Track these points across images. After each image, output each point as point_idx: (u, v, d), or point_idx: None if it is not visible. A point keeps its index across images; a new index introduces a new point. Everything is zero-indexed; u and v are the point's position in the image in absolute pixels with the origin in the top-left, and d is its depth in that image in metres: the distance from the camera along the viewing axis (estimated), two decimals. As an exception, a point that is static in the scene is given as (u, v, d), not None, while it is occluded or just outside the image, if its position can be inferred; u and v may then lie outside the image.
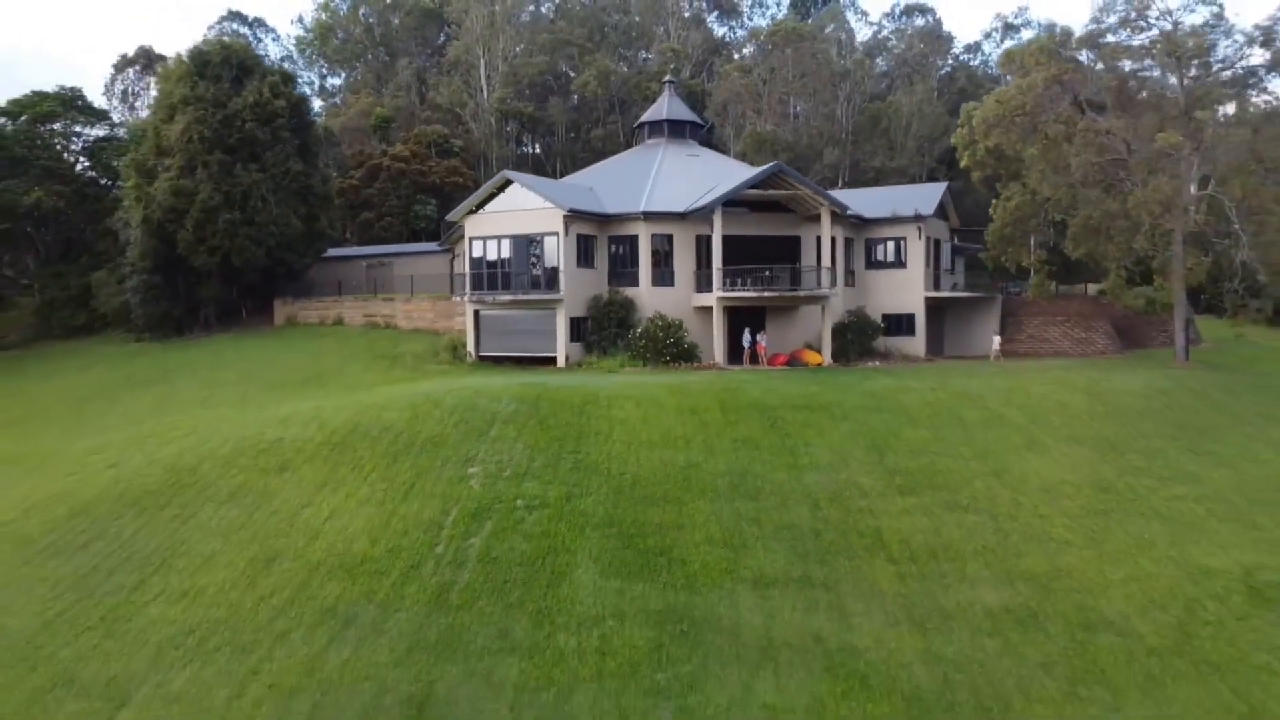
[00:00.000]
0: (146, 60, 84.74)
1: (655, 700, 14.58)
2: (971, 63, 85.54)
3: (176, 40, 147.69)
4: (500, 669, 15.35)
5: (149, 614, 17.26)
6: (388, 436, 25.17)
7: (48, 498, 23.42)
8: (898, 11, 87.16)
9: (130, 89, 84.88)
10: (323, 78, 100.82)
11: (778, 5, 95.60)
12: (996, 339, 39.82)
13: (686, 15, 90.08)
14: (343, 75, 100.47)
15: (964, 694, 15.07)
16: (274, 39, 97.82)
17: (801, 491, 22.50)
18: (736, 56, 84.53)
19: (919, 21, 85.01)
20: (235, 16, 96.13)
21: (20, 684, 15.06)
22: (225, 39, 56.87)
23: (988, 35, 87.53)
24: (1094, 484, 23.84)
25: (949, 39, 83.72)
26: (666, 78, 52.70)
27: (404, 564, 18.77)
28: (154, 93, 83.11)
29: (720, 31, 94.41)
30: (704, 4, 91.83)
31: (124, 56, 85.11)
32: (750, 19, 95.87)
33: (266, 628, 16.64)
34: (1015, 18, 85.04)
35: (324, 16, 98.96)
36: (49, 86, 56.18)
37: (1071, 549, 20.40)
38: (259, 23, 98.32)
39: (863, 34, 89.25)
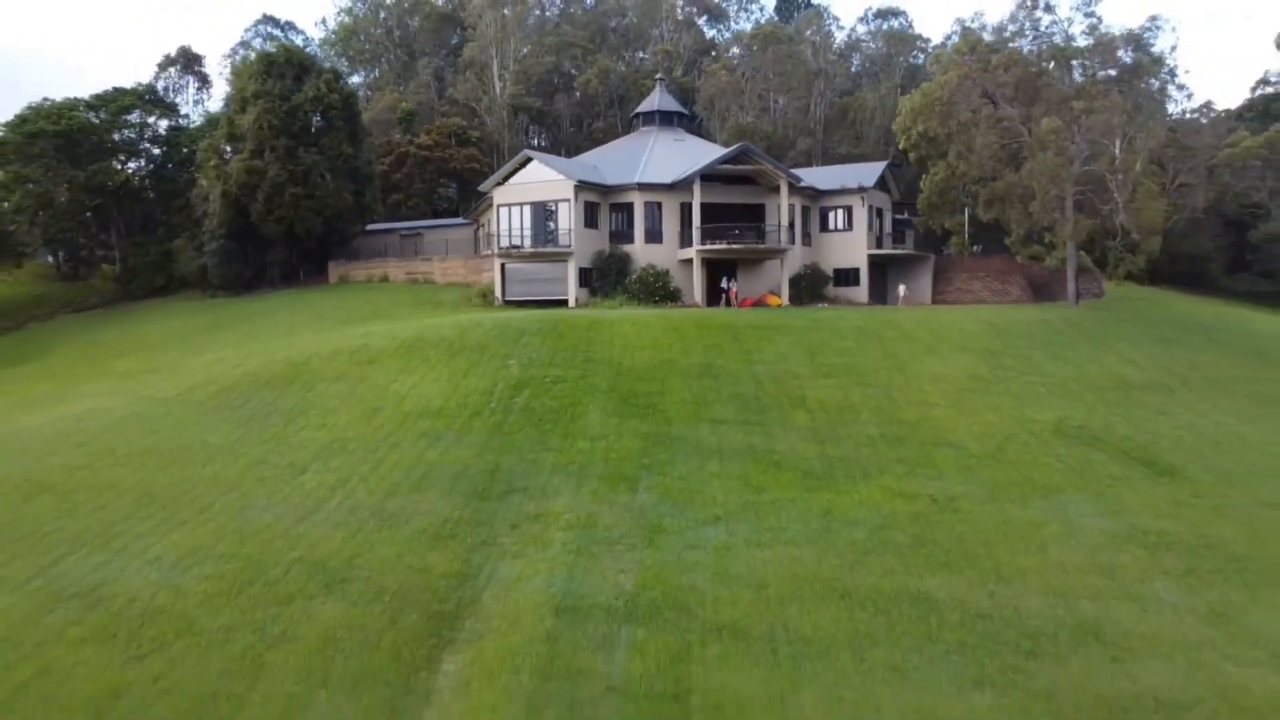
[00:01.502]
0: (185, 60, 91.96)
1: (642, 469, 22.24)
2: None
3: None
4: (541, 458, 22.99)
5: (302, 436, 24.89)
6: (445, 343, 32.82)
7: (199, 383, 31.02)
8: (870, 15, 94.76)
9: (172, 85, 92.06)
10: (346, 76, 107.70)
11: (761, 11, 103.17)
12: (902, 288, 47.46)
13: (680, 18, 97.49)
14: (363, 74, 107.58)
15: (840, 471, 22.72)
16: (304, 40, 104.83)
17: (750, 375, 30.18)
18: (726, 56, 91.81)
19: (890, 24, 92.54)
20: (269, 20, 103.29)
21: (234, 463, 22.62)
22: (289, 45, 64.16)
23: (949, 37, 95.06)
24: (969, 374, 31.51)
25: (914, 39, 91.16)
26: (658, 75, 60.18)
27: (469, 412, 26.42)
28: (193, 88, 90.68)
29: (710, 33, 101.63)
30: (695, 9, 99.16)
31: (167, 56, 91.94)
32: (736, 22, 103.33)
33: (383, 442, 24.25)
34: (971, 21, 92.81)
35: (347, 20, 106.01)
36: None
37: (939, 409, 28.08)
38: (290, 25, 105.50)
39: (840, 35, 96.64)
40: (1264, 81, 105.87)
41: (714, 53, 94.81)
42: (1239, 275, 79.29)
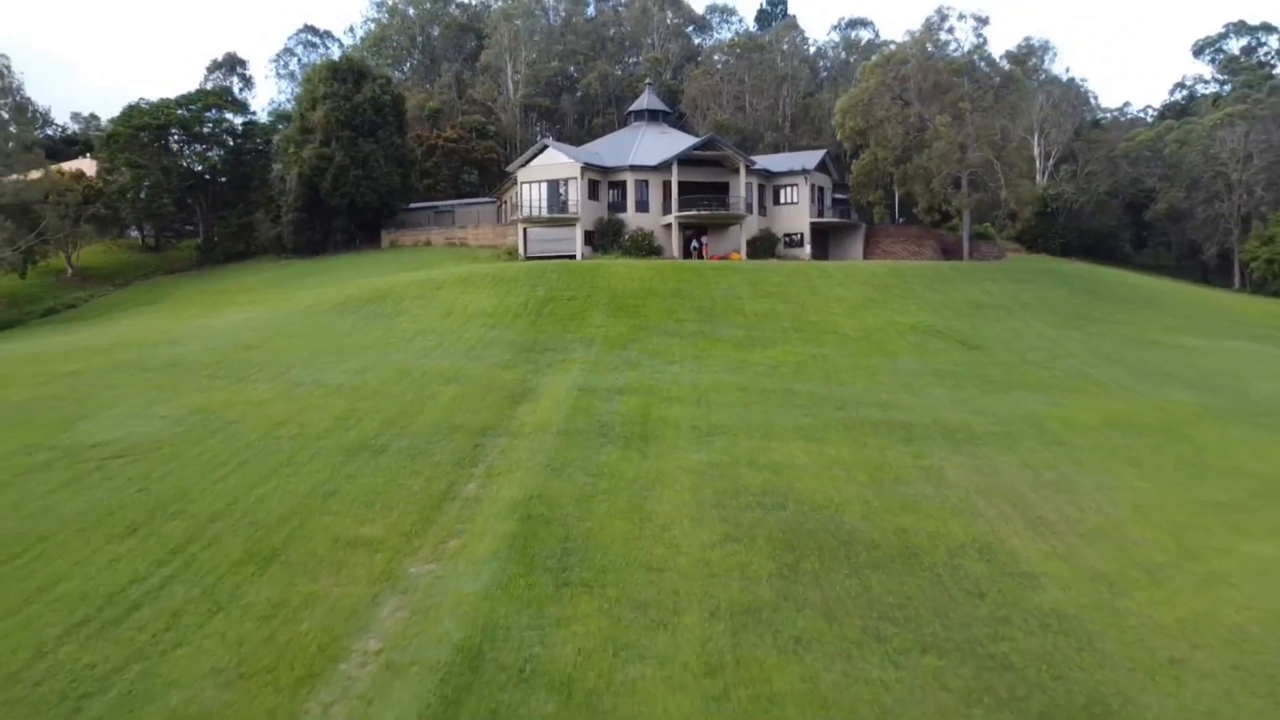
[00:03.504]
0: (230, 64, 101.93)
1: (629, 341, 33.08)
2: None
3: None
4: (563, 335, 33.79)
5: (402, 326, 35.58)
6: (489, 277, 43.55)
7: (315, 303, 41.67)
8: (843, 24, 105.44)
9: (217, 85, 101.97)
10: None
11: (740, 23, 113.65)
12: (808, 247, 57.59)
13: (669, 27, 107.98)
14: (390, 75, 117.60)
15: (757, 344, 33.54)
16: (340, 46, 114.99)
17: (708, 296, 41.00)
18: (709, 62, 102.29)
19: (859, 32, 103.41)
20: (309, 29, 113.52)
21: (364, 338, 33.30)
22: (351, 55, 74.53)
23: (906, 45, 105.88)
24: (865, 298, 42.38)
25: (875, 48, 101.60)
26: (647, 80, 70.75)
27: (513, 313, 37.20)
28: (238, 86, 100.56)
29: (697, 40, 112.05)
30: (681, 20, 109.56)
31: (215, 60, 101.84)
32: (718, 32, 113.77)
33: (458, 328, 35.00)
34: (921, 32, 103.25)
35: (374, 29, 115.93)
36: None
37: (836, 316, 38.91)
38: (328, 34, 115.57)
39: (815, 39, 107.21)
40: (1180, 85, 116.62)
41: (699, 58, 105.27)
42: (1145, 249, 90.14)
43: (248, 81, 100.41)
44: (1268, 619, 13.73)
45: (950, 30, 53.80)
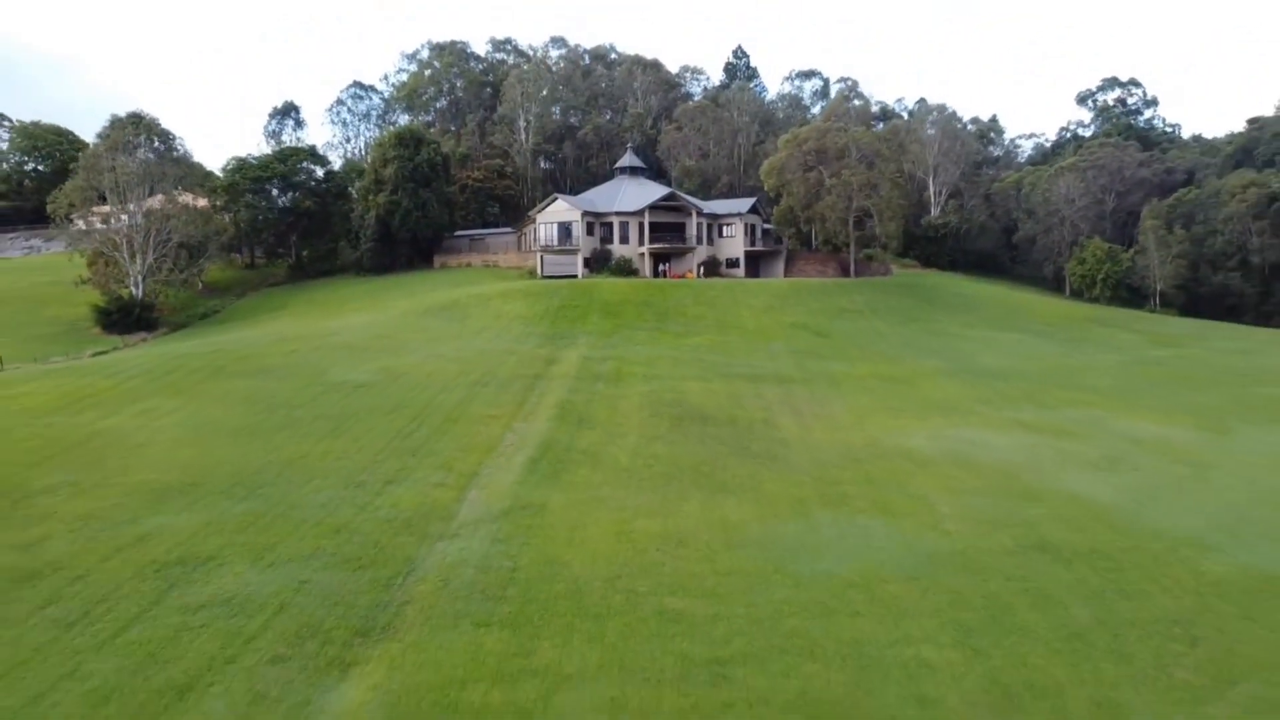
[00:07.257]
0: (286, 110, 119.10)
1: (613, 334, 51.24)
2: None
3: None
4: (573, 330, 51.84)
5: (470, 324, 53.69)
6: (521, 292, 61.57)
7: (405, 310, 59.44)
8: (794, 74, 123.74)
9: (276, 129, 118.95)
10: (408, 122, 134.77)
11: (708, 79, 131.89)
12: (742, 269, 75.73)
13: (651, 83, 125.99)
14: (419, 119, 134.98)
15: (689, 335, 51.69)
16: (381, 97, 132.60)
17: (664, 304, 59.11)
18: (680, 118, 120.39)
19: (809, 82, 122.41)
20: (357, 84, 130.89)
21: (449, 330, 51.21)
22: (412, 126, 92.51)
23: (833, 92, 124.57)
24: (767, 306, 60.52)
25: (821, 93, 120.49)
26: (629, 145, 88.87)
27: (539, 316, 55.21)
28: (291, 127, 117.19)
29: (674, 94, 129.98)
30: (660, 80, 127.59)
31: (276, 108, 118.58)
32: (690, 87, 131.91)
33: (505, 327, 52.94)
34: (850, 91, 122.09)
35: (407, 79, 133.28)
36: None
37: (744, 317, 57.06)
38: (372, 88, 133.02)
39: (769, 93, 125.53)
40: (1064, 128, 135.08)
41: (675, 110, 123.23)
42: (1019, 265, 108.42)
43: (300, 123, 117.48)
44: (874, 442, 31.96)
45: (848, 111, 71.76)
